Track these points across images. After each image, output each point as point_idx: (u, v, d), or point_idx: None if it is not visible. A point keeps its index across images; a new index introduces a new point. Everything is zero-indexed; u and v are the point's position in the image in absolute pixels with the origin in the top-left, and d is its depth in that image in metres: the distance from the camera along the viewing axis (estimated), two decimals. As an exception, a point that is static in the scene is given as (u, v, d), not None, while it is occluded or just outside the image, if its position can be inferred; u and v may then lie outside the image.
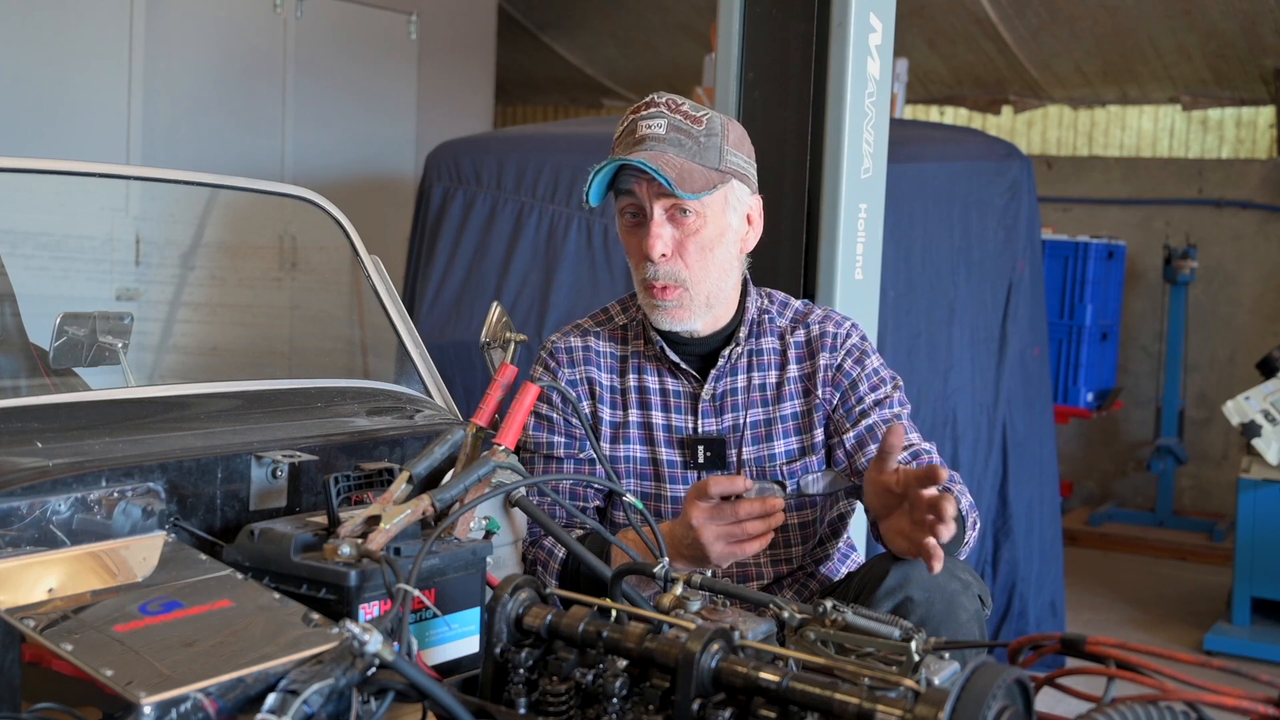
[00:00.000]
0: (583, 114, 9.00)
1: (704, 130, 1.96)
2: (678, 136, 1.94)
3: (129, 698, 1.16)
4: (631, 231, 2.00)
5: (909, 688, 1.22)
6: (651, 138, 1.93)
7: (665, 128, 1.94)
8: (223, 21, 5.60)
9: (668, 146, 1.92)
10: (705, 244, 1.97)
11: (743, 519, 1.79)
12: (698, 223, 1.96)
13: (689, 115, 1.96)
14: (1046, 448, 4.60)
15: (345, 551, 1.44)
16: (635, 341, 2.12)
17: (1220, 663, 1.19)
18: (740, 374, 2.08)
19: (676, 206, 1.94)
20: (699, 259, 1.97)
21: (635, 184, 1.94)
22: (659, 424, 2.08)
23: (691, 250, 1.96)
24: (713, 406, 2.07)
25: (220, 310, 4.59)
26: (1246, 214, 7.27)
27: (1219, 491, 7.20)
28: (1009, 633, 4.19)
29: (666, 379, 2.09)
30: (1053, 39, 6.90)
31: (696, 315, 2.01)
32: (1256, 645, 4.78)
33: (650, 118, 1.95)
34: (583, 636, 1.34)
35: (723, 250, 2.00)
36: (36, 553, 1.43)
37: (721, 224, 1.99)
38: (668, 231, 1.95)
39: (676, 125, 1.94)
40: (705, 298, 2.00)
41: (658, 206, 1.94)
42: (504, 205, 4.53)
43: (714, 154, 1.96)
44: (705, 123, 1.97)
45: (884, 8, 2.72)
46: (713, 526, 1.80)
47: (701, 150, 1.95)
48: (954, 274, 4.20)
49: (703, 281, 1.98)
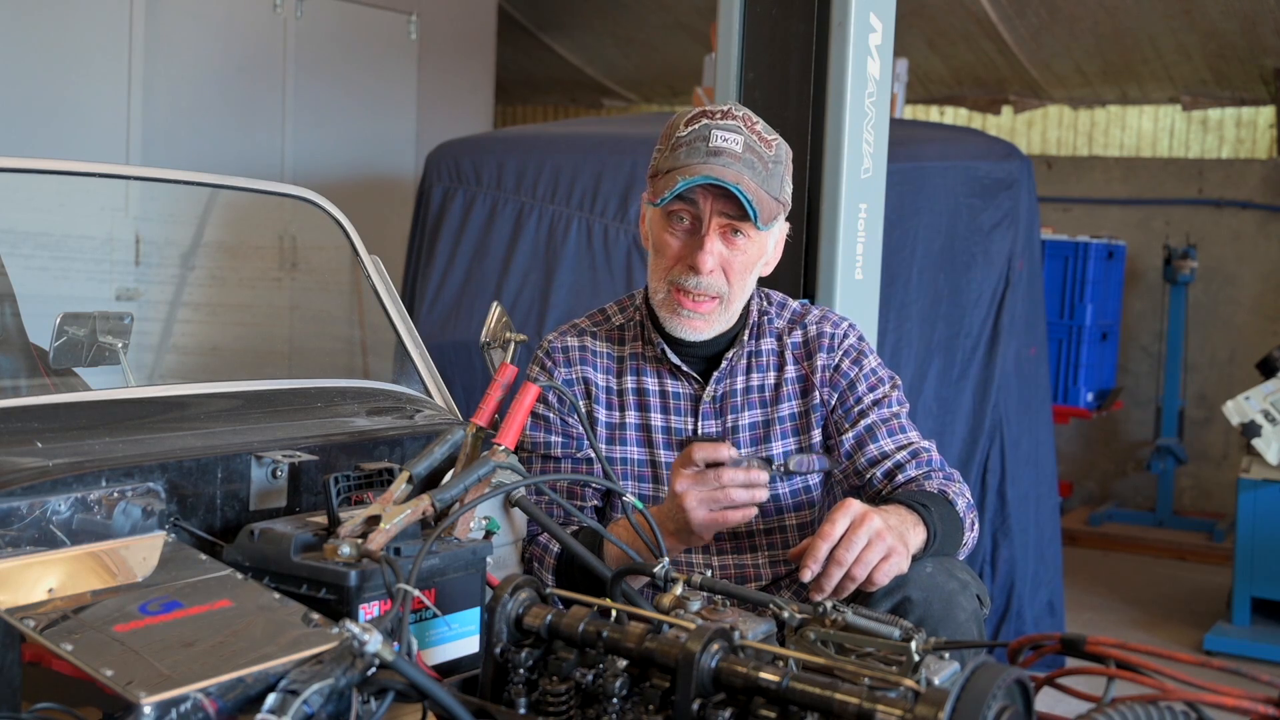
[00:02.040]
0: (583, 114, 9.00)
1: (773, 156, 1.96)
2: (752, 158, 1.92)
3: (129, 698, 1.16)
4: (680, 237, 1.97)
5: (909, 688, 1.22)
6: (728, 153, 1.90)
7: (742, 146, 1.91)
8: (223, 21, 5.60)
9: (744, 168, 1.90)
10: (749, 265, 1.99)
11: (725, 485, 1.79)
12: (748, 245, 1.97)
13: (763, 137, 1.95)
14: (1045, 447, 4.60)
15: (345, 551, 1.44)
16: (633, 343, 2.11)
17: (1220, 663, 1.19)
18: (739, 375, 2.08)
19: (731, 226, 1.94)
20: (740, 278, 1.99)
21: (700, 195, 1.92)
22: (658, 426, 2.08)
23: (737, 269, 1.97)
24: (713, 408, 2.07)
25: (220, 310, 4.59)
26: (1246, 214, 7.27)
27: (1219, 491, 7.20)
28: (1008, 632, 4.18)
29: (666, 381, 2.09)
30: (1053, 39, 6.90)
31: (715, 327, 2.02)
32: (1256, 645, 4.78)
33: (727, 130, 1.92)
34: (583, 636, 1.34)
35: (755, 272, 2.03)
36: (36, 553, 1.43)
37: (763, 249, 2.01)
38: (718, 248, 1.94)
39: (752, 146, 1.92)
40: (730, 314, 2.02)
41: (715, 222, 1.93)
42: (504, 205, 4.53)
43: (777, 183, 1.97)
44: (775, 148, 1.96)
45: (884, 8, 2.72)
46: (695, 492, 1.80)
47: (769, 177, 1.94)
48: (952, 274, 4.20)
49: (738, 298, 2.01)
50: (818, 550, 1.70)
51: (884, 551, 1.72)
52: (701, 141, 1.92)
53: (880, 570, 1.72)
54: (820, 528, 1.73)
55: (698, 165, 1.90)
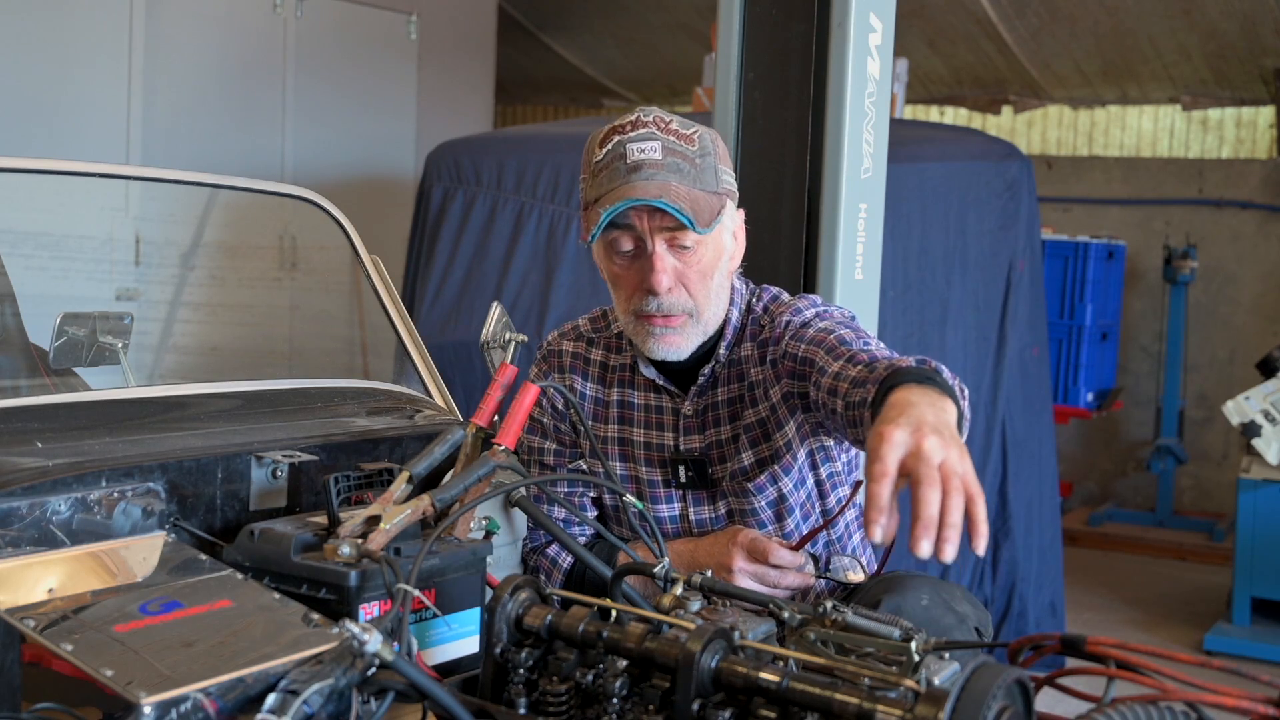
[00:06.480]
0: (583, 114, 9.00)
1: (698, 151, 1.84)
2: (675, 161, 1.81)
3: (129, 698, 1.16)
4: (627, 265, 1.87)
5: (909, 688, 1.22)
6: (649, 164, 1.79)
7: (661, 151, 1.80)
8: (223, 21, 5.60)
9: (669, 174, 1.79)
10: (706, 271, 1.87)
11: (779, 584, 1.85)
12: (701, 252, 1.85)
13: (680, 135, 1.83)
14: (1046, 447, 4.60)
15: (345, 551, 1.44)
16: (625, 354, 2.04)
17: (1220, 663, 1.19)
18: (721, 387, 1.98)
19: (677, 237, 1.82)
20: (701, 287, 1.88)
21: (635, 216, 1.80)
22: (639, 440, 2.01)
23: (694, 279, 1.86)
24: (694, 423, 1.99)
25: (220, 310, 4.60)
26: (1246, 214, 7.27)
27: (1219, 491, 7.20)
28: (1009, 633, 4.19)
29: (650, 395, 2.01)
30: (1053, 39, 6.90)
31: (692, 341, 1.91)
32: (1256, 645, 4.78)
33: (641, 140, 1.81)
34: (583, 637, 1.34)
35: (719, 273, 1.91)
36: (36, 553, 1.43)
37: (719, 248, 1.89)
38: (670, 264, 1.83)
39: (671, 148, 1.81)
40: (705, 323, 1.92)
41: (659, 239, 1.82)
42: (504, 205, 4.53)
43: (710, 175, 1.85)
44: (697, 142, 1.84)
45: (884, 8, 2.72)
46: (751, 583, 1.85)
47: (699, 173, 1.82)
48: (952, 274, 4.20)
49: (706, 308, 1.90)
50: (879, 496, 1.33)
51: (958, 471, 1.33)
52: (619, 161, 1.81)
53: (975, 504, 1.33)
54: (869, 469, 1.37)
55: (620, 188, 1.79)
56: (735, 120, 2.77)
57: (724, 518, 1.98)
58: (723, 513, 1.98)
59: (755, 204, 2.54)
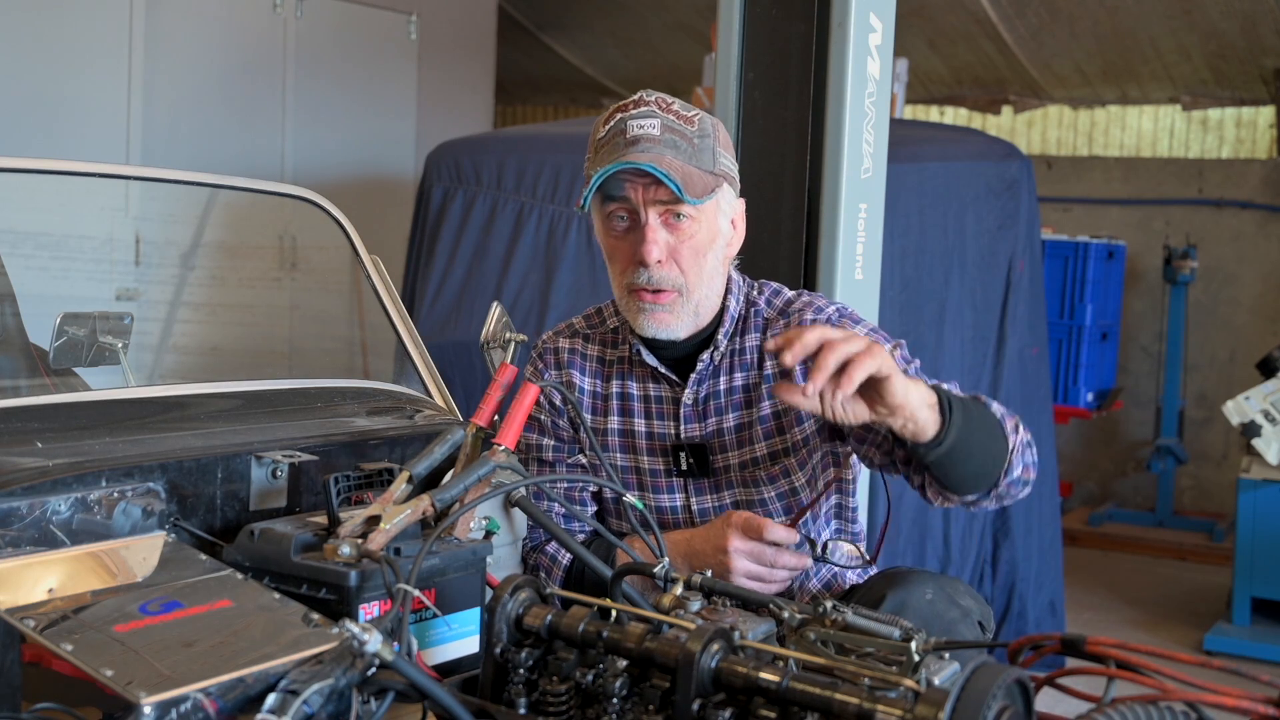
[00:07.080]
0: (583, 114, 9.00)
1: (697, 131, 1.88)
2: (673, 138, 1.86)
3: (129, 698, 1.16)
4: (622, 237, 1.91)
5: (909, 688, 1.22)
6: (646, 139, 1.85)
7: (659, 128, 1.86)
8: (223, 21, 5.60)
9: (664, 149, 1.84)
10: (699, 249, 1.91)
11: (777, 566, 1.84)
12: (693, 228, 1.88)
13: (681, 115, 1.89)
14: (1046, 447, 4.60)
15: (345, 551, 1.44)
16: (623, 346, 2.05)
17: (1220, 663, 1.19)
18: (722, 376, 2.00)
19: (671, 211, 1.86)
20: (693, 264, 1.90)
21: (630, 188, 1.86)
22: (640, 431, 2.02)
23: (686, 255, 1.89)
24: (695, 411, 2.00)
25: (220, 310, 4.60)
26: (1246, 214, 7.27)
27: (1219, 491, 7.20)
28: (1008, 633, 4.19)
29: (649, 385, 2.02)
30: (1053, 39, 6.90)
31: (684, 321, 1.93)
32: (1256, 645, 4.78)
33: (641, 117, 1.87)
34: (583, 637, 1.34)
35: (713, 255, 1.93)
36: (36, 553, 1.43)
37: (714, 228, 1.92)
38: (663, 236, 1.87)
39: (670, 125, 1.87)
40: (696, 304, 1.93)
41: (652, 211, 1.86)
42: (504, 205, 4.53)
43: (708, 156, 1.89)
44: (697, 123, 1.89)
45: (884, 8, 2.72)
46: (747, 563, 1.83)
47: (696, 152, 1.87)
48: (952, 273, 4.20)
49: (696, 287, 1.92)
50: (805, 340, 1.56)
51: (864, 345, 1.57)
52: (619, 136, 1.87)
53: (859, 364, 1.56)
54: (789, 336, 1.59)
55: (616, 159, 1.85)
56: (735, 120, 2.77)
57: (728, 508, 1.98)
58: (727, 503, 1.99)
59: (755, 204, 2.53)
